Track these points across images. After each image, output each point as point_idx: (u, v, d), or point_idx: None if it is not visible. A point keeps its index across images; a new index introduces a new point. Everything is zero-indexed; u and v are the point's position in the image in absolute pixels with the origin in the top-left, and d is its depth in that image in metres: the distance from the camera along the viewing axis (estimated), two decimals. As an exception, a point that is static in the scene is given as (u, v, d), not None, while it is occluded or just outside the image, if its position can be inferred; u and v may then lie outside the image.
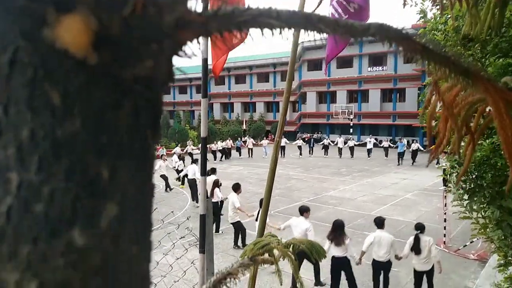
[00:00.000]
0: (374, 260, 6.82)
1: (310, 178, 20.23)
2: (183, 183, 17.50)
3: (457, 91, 0.77)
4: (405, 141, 26.92)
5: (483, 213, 3.43)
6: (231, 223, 10.00)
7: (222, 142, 29.05)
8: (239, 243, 9.86)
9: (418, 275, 6.66)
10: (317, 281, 7.65)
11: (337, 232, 6.79)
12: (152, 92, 0.25)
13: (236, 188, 10.20)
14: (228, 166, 25.37)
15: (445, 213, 9.77)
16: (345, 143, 30.28)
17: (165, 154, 26.11)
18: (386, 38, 0.55)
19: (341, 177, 20.42)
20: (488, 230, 3.57)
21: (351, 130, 35.38)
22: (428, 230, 7.75)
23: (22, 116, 0.21)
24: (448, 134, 0.79)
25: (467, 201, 3.46)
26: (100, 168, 0.22)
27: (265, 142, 31.60)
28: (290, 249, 1.81)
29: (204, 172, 2.59)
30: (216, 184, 11.12)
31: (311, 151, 30.71)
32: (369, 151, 28.83)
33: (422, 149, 25.58)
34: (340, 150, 29.70)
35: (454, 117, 0.73)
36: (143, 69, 0.23)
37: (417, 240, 6.54)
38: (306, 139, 32.82)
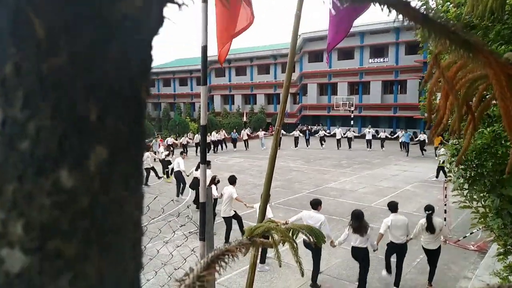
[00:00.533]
0: (391, 242, 7.09)
1: (310, 170, 20.25)
2: (168, 176, 17.08)
3: (458, 67, 0.75)
4: (409, 132, 27.20)
5: (483, 202, 3.43)
6: (224, 217, 9.41)
7: (216, 133, 28.92)
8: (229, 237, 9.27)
9: (428, 253, 7.15)
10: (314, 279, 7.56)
11: (358, 222, 6.76)
12: (141, 35, 0.24)
13: (233, 181, 9.90)
14: (228, 158, 25.39)
15: (445, 205, 9.79)
16: (344, 134, 30.38)
17: (152, 145, 26.07)
18: (387, 4, 0.54)
19: (342, 169, 20.43)
20: (488, 219, 3.57)
21: (351, 122, 35.33)
22: (428, 220, 7.91)
23: (5, 49, 0.20)
24: (448, 112, 0.78)
25: (467, 190, 3.46)
26: (89, 108, 0.21)
27: (261, 133, 31.49)
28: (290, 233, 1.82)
29: (204, 161, 2.58)
30: (213, 180, 10.33)
31: (307, 143, 30.56)
32: (368, 142, 28.77)
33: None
34: (338, 141, 29.69)
35: (455, 93, 0.72)
36: (132, 7, 0.22)
37: (429, 220, 6.87)
38: (303, 131, 32.64)
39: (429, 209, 6.93)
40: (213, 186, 9.88)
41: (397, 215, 7.11)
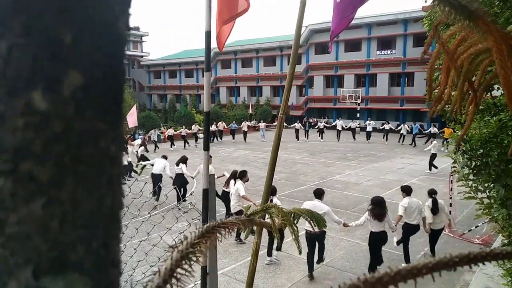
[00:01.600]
0: (405, 223, 7.73)
1: (316, 163, 20.23)
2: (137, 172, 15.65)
3: (460, 40, 0.74)
4: (417, 124, 27.45)
5: (488, 193, 3.40)
6: (234, 213, 9.21)
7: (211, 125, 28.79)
8: (242, 235, 8.94)
9: (433, 233, 7.95)
10: (320, 258, 7.75)
11: (378, 208, 7.04)
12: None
13: (242, 175, 9.43)
14: (233, 150, 25.43)
15: (450, 198, 9.74)
16: (346, 126, 30.45)
17: (150, 135, 25.97)
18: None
19: (347, 162, 20.38)
20: (492, 210, 3.54)
21: (358, 115, 35.12)
22: (433, 213, 7.99)
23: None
24: (450, 88, 0.76)
25: (472, 181, 3.43)
26: (63, 31, 0.21)
27: (262, 124, 31.36)
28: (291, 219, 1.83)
29: (207, 147, 2.59)
30: (234, 175, 9.81)
31: (306, 135, 30.27)
32: (368, 134, 29.04)
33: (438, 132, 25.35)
34: (338, 133, 29.73)
35: (456, 66, 0.71)
36: None
37: (435, 202, 7.78)
38: (303, 123, 32.40)
39: (434, 192, 7.94)
40: (233, 181, 9.58)
41: (412, 198, 7.73)
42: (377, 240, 7.19)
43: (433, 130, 25.39)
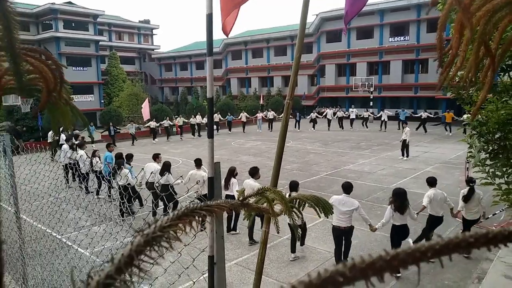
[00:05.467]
0: (430, 215, 7.61)
1: (328, 152, 20.04)
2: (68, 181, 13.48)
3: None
4: (407, 110, 28.65)
5: (506, 178, 3.25)
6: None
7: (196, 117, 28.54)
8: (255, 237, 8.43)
9: (466, 223, 7.70)
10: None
11: (400, 201, 6.78)
12: None
13: (254, 173, 8.56)
14: (245, 141, 25.40)
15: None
16: (334, 114, 30.60)
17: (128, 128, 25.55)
18: None
19: (360, 151, 20.13)
20: (511, 196, 3.40)
21: (371, 103, 34.61)
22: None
23: None
24: (463, 53, 0.67)
25: (489, 166, 3.29)
26: None
27: (259, 115, 31.20)
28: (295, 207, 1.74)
29: (211, 135, 2.52)
30: (232, 173, 8.91)
31: (296, 125, 29.58)
32: (351, 121, 29.69)
33: (456, 118, 24.92)
34: (329, 122, 29.76)
35: (471, 23, 0.61)
36: None
37: (471, 190, 7.45)
38: (293, 113, 32.08)
39: (472, 181, 7.45)
40: (233, 180, 8.81)
41: (437, 190, 7.57)
42: (398, 234, 7.01)
43: (424, 115, 26.14)
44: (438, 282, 6.62)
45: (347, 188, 7.02)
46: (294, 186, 7.79)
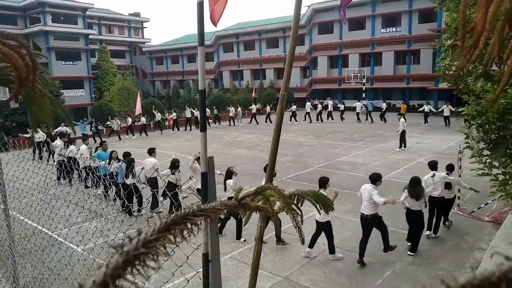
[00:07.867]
0: (430, 196, 7.94)
1: (321, 145, 20.03)
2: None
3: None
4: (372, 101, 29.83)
5: (503, 169, 3.22)
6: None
7: (195, 110, 28.21)
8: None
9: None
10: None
11: (416, 188, 7.15)
12: None
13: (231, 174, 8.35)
14: (238, 134, 25.29)
15: (459, 176, 9.53)
16: (315, 107, 30.87)
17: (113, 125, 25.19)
18: None
19: (353, 143, 20.15)
20: (508, 187, 3.37)
21: (363, 95, 34.63)
22: (442, 191, 7.94)
23: None
24: (487, 32, 0.60)
25: (486, 157, 3.25)
26: None
27: (238, 109, 31.11)
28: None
29: (204, 128, 2.43)
30: (230, 174, 8.51)
31: (291, 119, 29.46)
32: (329, 114, 29.97)
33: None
34: (307, 114, 29.89)
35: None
36: None
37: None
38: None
39: (450, 168, 8.27)
40: (230, 181, 8.40)
41: (436, 173, 8.08)
42: (414, 218, 7.32)
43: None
44: (432, 272, 6.64)
45: (375, 179, 7.11)
46: (324, 182, 7.24)
